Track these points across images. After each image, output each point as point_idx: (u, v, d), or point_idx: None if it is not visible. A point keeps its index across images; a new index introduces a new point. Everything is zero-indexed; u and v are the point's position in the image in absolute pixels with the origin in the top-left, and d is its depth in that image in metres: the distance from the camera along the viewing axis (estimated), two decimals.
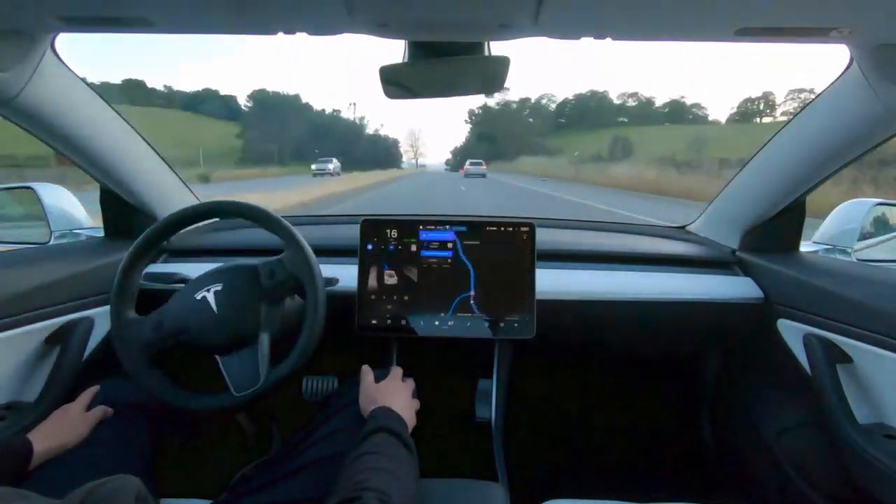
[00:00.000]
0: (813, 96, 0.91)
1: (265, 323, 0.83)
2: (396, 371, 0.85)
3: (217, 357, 0.82)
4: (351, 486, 0.54)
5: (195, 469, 1.12)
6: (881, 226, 1.44)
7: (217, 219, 1.30)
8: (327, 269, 0.91)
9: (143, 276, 0.92)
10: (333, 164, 29.31)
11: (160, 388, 0.82)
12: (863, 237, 1.31)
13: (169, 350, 0.83)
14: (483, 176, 22.63)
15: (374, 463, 0.59)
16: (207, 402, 0.82)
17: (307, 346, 0.82)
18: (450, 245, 1.02)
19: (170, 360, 0.87)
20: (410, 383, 0.84)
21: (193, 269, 0.95)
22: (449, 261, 1.02)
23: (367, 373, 0.82)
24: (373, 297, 1.01)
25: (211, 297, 0.82)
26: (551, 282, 1.07)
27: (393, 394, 0.77)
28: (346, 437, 0.73)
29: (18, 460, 0.67)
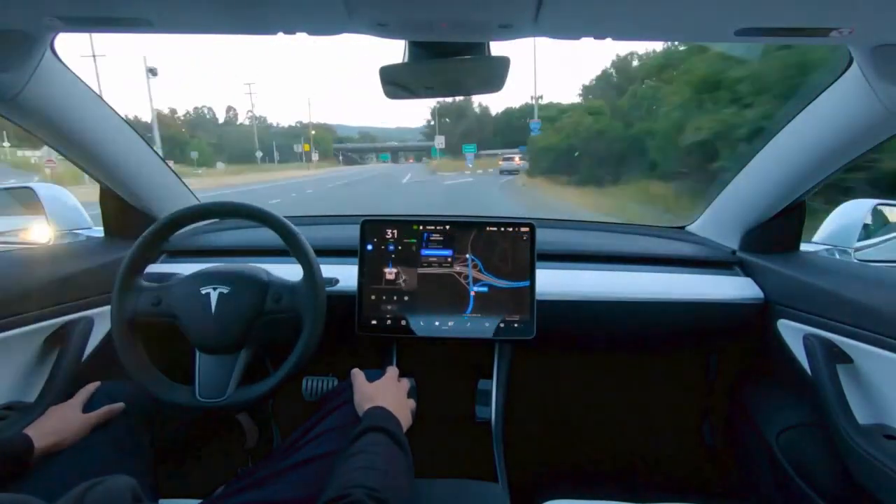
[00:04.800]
0: None
1: (252, 340, 0.83)
2: (391, 371, 0.85)
3: (197, 351, 0.83)
4: (340, 485, 0.55)
5: (195, 469, 1.12)
6: (881, 226, 1.44)
7: (216, 219, 1.30)
8: (327, 269, 0.91)
9: (142, 276, 0.92)
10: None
11: (133, 364, 0.82)
12: (863, 237, 1.31)
13: (157, 326, 0.84)
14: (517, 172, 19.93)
15: (364, 461, 0.60)
16: (169, 393, 0.82)
17: (288, 371, 0.82)
18: (450, 245, 1.02)
19: (163, 345, 0.88)
20: (405, 383, 0.84)
21: (192, 270, 0.95)
22: (449, 261, 1.02)
23: (357, 374, 0.82)
24: (373, 297, 1.01)
25: (214, 297, 0.83)
26: (551, 282, 1.07)
27: (387, 393, 0.77)
28: (341, 436, 0.73)
29: (20, 457, 0.67)
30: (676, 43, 9.39)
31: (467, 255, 1.02)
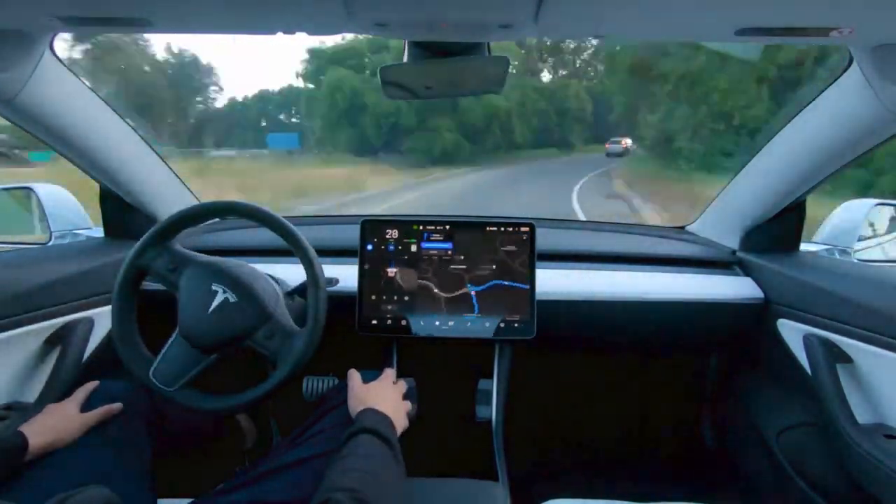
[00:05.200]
0: None
1: (223, 352, 0.83)
2: (388, 372, 0.84)
3: (176, 335, 0.83)
4: (325, 489, 0.55)
5: (193, 469, 1.12)
6: (881, 226, 1.44)
7: (218, 218, 1.30)
8: (327, 269, 0.91)
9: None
10: None
11: (120, 310, 0.83)
12: (863, 237, 1.31)
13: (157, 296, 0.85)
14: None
15: (352, 464, 0.60)
16: (129, 355, 0.82)
17: (247, 401, 0.81)
18: (449, 245, 1.02)
19: (153, 313, 0.89)
20: (402, 385, 0.84)
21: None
22: (449, 261, 1.02)
23: (352, 376, 0.81)
24: (373, 297, 1.01)
25: (218, 299, 0.82)
26: (551, 282, 1.07)
27: (381, 395, 0.77)
28: (334, 436, 0.72)
29: (13, 454, 0.67)
30: None
31: (462, 258, 1.01)
